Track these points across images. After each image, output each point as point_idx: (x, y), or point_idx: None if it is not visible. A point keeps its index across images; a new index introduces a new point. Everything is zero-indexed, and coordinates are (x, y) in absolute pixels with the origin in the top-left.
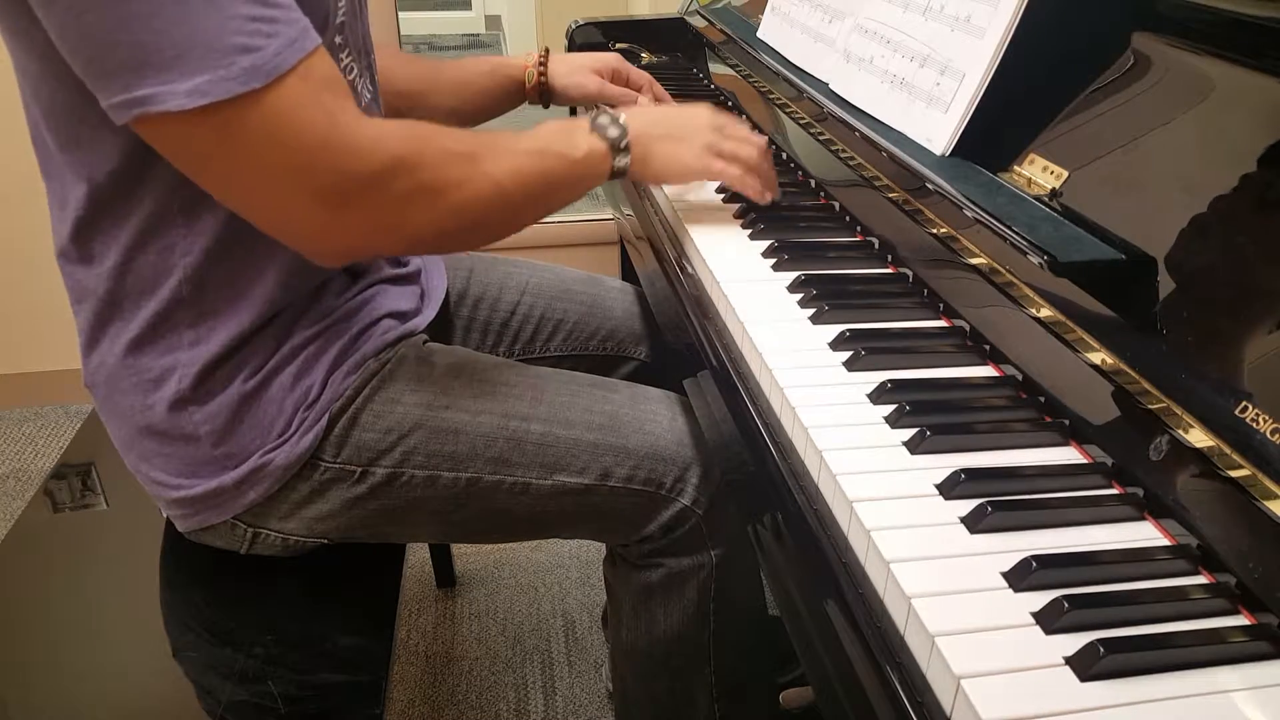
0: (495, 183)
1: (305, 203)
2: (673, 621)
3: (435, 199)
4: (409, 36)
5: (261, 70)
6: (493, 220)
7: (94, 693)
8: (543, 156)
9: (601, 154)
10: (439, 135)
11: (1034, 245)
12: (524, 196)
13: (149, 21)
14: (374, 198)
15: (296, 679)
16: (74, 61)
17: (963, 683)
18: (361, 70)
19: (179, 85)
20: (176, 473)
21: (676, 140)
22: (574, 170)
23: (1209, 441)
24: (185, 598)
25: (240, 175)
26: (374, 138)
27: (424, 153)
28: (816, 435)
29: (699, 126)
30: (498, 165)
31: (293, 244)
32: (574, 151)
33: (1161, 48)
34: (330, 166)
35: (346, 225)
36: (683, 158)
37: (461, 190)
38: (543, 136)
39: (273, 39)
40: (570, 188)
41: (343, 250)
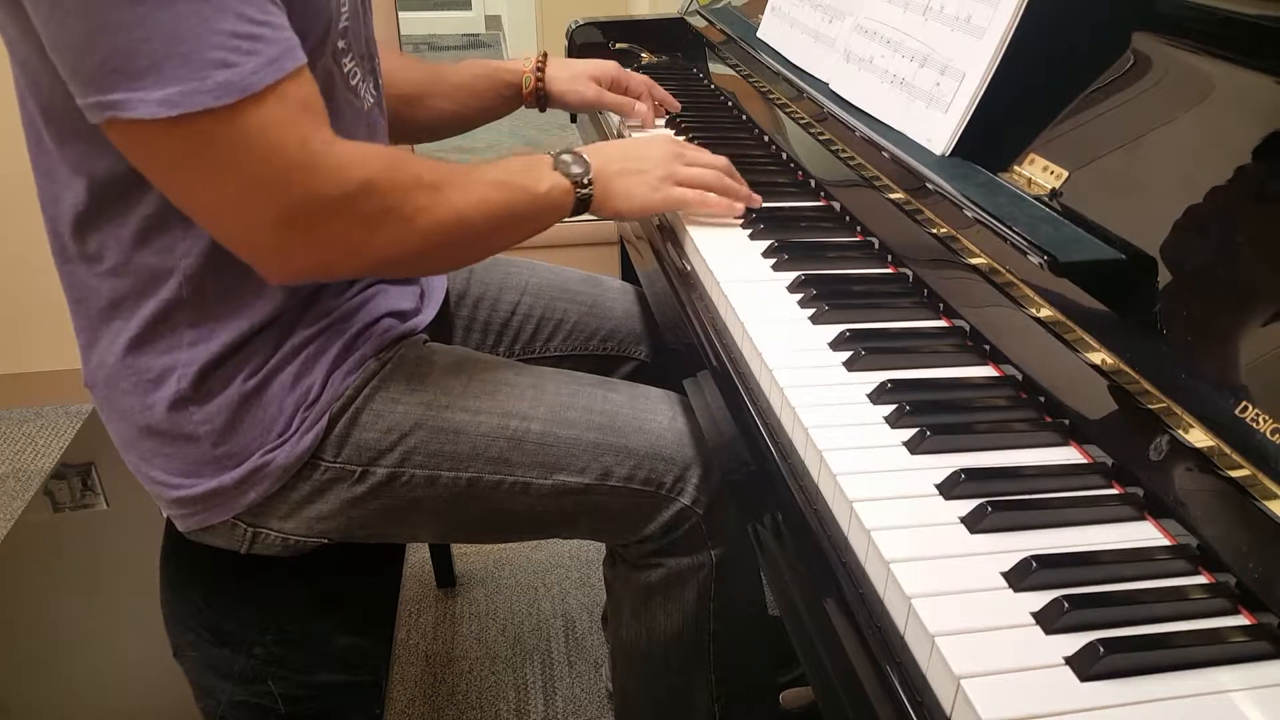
0: (458, 212)
1: (268, 221)
2: (673, 621)
3: (399, 224)
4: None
5: (236, 86)
6: (455, 247)
7: (94, 693)
8: (506, 189)
9: (564, 190)
10: (408, 163)
11: (1034, 245)
12: (486, 226)
13: (131, 29)
14: (339, 221)
15: (296, 679)
16: (53, 56)
17: (963, 683)
18: (365, 73)
19: (151, 94)
20: (177, 472)
21: (634, 175)
22: (536, 204)
23: (1209, 441)
24: (185, 598)
25: (205, 188)
26: (343, 161)
27: (391, 179)
28: (816, 435)
29: (656, 158)
30: (462, 195)
31: (250, 260)
32: (537, 186)
33: (1161, 48)
34: (298, 187)
35: (308, 246)
36: (640, 192)
37: (425, 216)
38: (508, 169)
39: (253, 56)
40: (532, 220)
41: (300, 270)
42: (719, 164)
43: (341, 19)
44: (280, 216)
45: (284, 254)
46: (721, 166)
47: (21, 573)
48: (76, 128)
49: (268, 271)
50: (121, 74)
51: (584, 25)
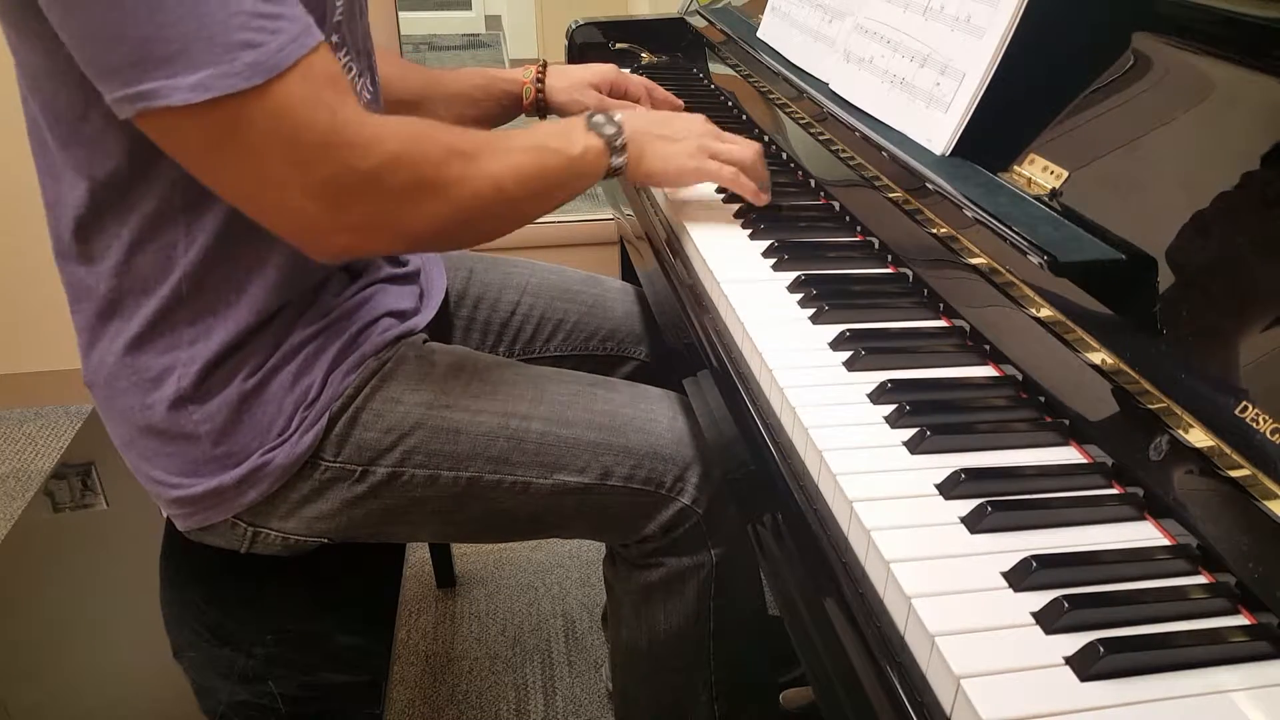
0: (494, 179)
1: (305, 198)
2: (673, 621)
3: (434, 195)
4: (409, 36)
5: (264, 66)
6: (491, 217)
7: (94, 693)
8: (540, 153)
9: (598, 150)
10: (439, 132)
11: (1034, 245)
12: (522, 193)
13: (153, 16)
14: (373, 194)
15: (296, 679)
16: (78, 56)
17: (962, 683)
18: (361, 70)
19: (182, 80)
20: (176, 472)
21: (671, 140)
22: (571, 167)
23: (1209, 441)
24: (185, 597)
25: (241, 170)
26: (374, 134)
27: (424, 149)
28: (816, 435)
29: (693, 129)
30: (496, 162)
31: (293, 239)
32: (571, 148)
33: (1161, 48)
34: (331, 162)
35: (346, 221)
36: (677, 157)
37: (460, 187)
38: (541, 134)
39: (276, 35)
40: (567, 185)
41: (342, 247)
42: (753, 147)
43: (335, 13)
44: (315, 193)
45: (324, 231)
46: (755, 149)
47: (21, 573)
48: (78, 129)
49: (312, 250)
50: (150, 63)
51: (584, 25)
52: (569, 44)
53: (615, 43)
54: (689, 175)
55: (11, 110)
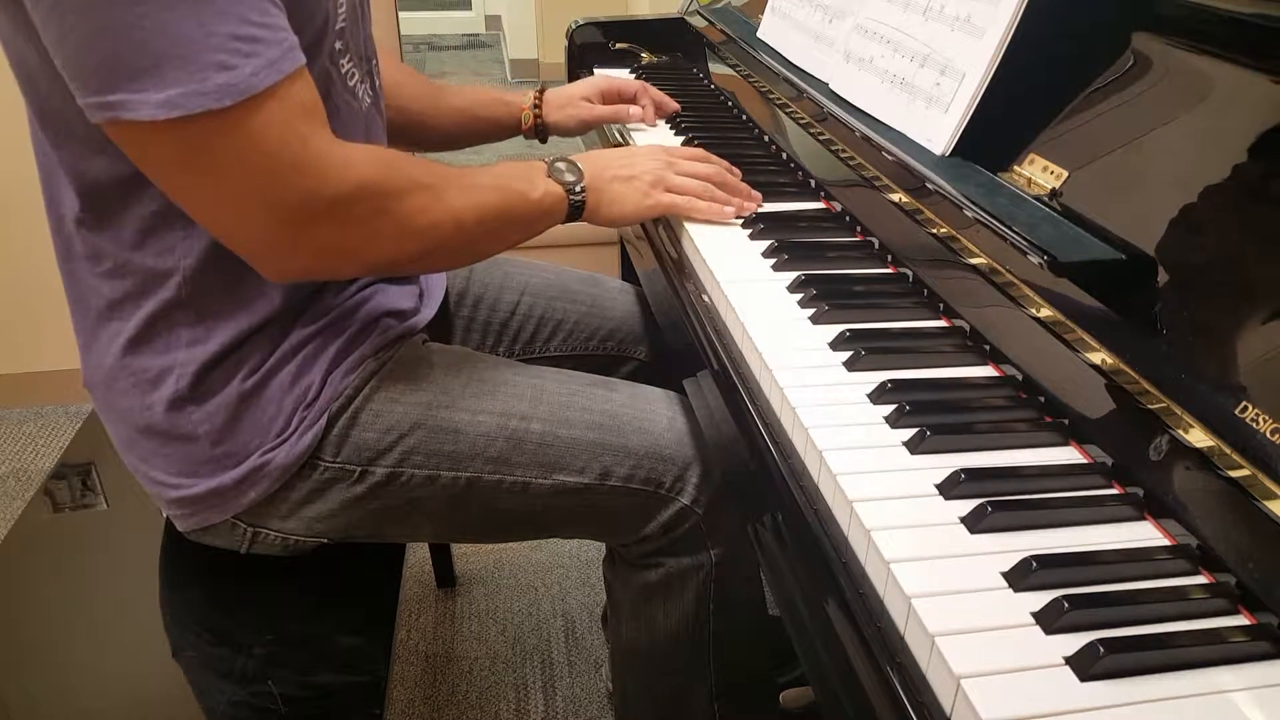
0: (455, 214)
1: (267, 221)
2: (672, 621)
3: (395, 226)
4: (409, 36)
5: (235, 89)
6: (449, 249)
7: (94, 693)
8: (503, 193)
9: (557, 197)
10: (405, 164)
11: (1034, 245)
12: (481, 230)
13: (131, 30)
14: (336, 221)
15: (296, 679)
16: (55, 57)
17: (963, 683)
18: (363, 75)
19: (152, 95)
20: (176, 472)
21: (624, 181)
22: (531, 210)
23: (1209, 441)
24: (185, 598)
25: (204, 189)
26: (342, 163)
27: (388, 180)
28: (816, 435)
29: (648, 166)
30: (459, 198)
31: (250, 259)
32: (532, 192)
33: (1161, 48)
34: (297, 189)
35: (306, 245)
36: (631, 198)
37: (422, 218)
38: (505, 174)
39: (251, 59)
40: (527, 225)
41: (299, 268)
42: (709, 172)
43: (338, 20)
44: (279, 217)
45: (282, 253)
46: (712, 175)
47: (21, 573)
48: (73, 129)
49: (266, 270)
50: (122, 75)
51: (584, 25)
52: (569, 44)
53: (615, 43)
54: (644, 213)
55: (14, 110)
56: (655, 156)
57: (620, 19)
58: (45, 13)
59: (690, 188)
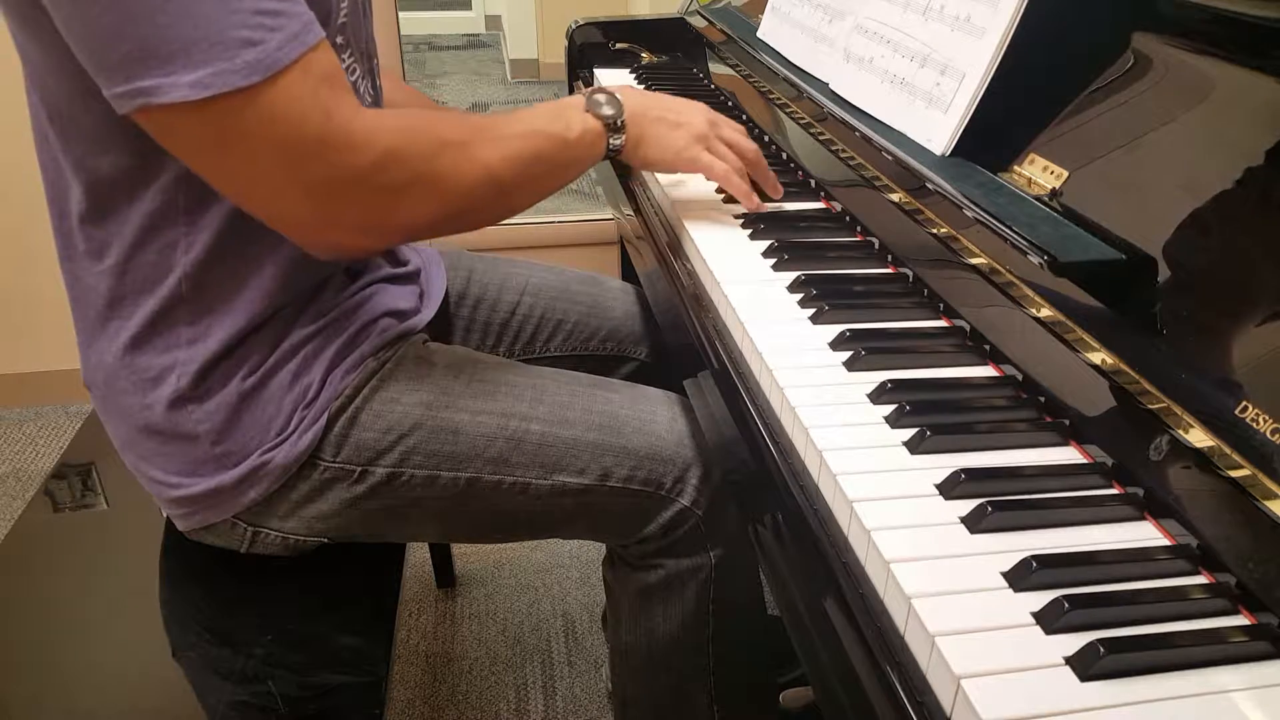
0: (488, 168)
1: (300, 195)
2: (672, 622)
3: (428, 189)
4: (409, 36)
5: (263, 64)
6: (487, 205)
7: (94, 693)
8: (535, 138)
9: (596, 133)
10: (432, 124)
11: (1034, 245)
12: (517, 180)
13: (154, 15)
14: (367, 191)
15: (296, 679)
16: (78, 51)
17: (963, 683)
18: (364, 72)
19: (182, 77)
20: (176, 472)
21: (671, 125)
22: (568, 151)
23: (1209, 441)
24: (185, 597)
25: (238, 166)
26: (368, 132)
27: (416, 144)
28: (816, 435)
29: (695, 117)
30: (491, 150)
31: (290, 234)
32: (568, 132)
33: (1161, 48)
34: (325, 160)
35: (341, 218)
36: (675, 143)
37: (454, 179)
38: (537, 117)
39: (276, 32)
40: (565, 169)
41: (337, 242)
42: (748, 149)
43: (340, 14)
44: (310, 192)
45: (319, 229)
46: (749, 152)
47: (21, 573)
48: (81, 127)
49: (309, 247)
50: (151, 60)
51: (584, 25)
52: (569, 44)
53: (615, 43)
54: (685, 164)
55: (15, 109)
56: (703, 113)
57: (620, 19)
58: (68, 7)
59: (730, 157)
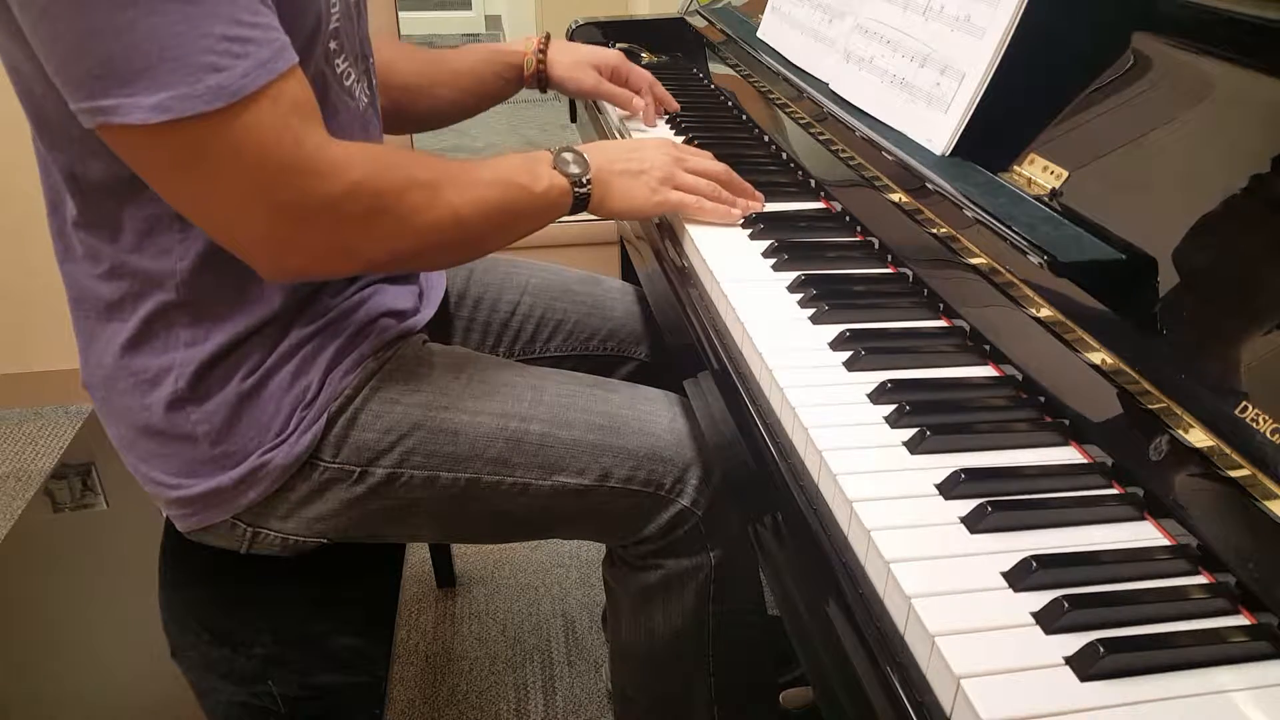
0: (454, 211)
1: (262, 222)
2: (672, 622)
3: (393, 224)
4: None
5: (227, 90)
6: (449, 246)
7: (94, 693)
8: (504, 188)
9: (562, 189)
10: (402, 161)
11: (1034, 245)
12: (483, 225)
13: (121, 34)
14: (332, 220)
15: (296, 679)
16: (45, 63)
17: (963, 683)
18: (359, 74)
19: (144, 99)
20: (175, 472)
21: (633, 175)
22: (534, 203)
23: (1209, 441)
24: (185, 597)
25: (199, 190)
26: (337, 162)
27: (386, 178)
28: (816, 435)
29: (657, 161)
30: (459, 194)
31: (246, 260)
32: (535, 185)
33: (1161, 48)
34: (292, 188)
35: (303, 245)
36: (639, 194)
37: (420, 217)
38: (506, 167)
39: (242, 60)
40: (530, 219)
41: (297, 269)
42: (717, 172)
43: (332, 19)
44: (274, 218)
45: (279, 254)
46: (720, 174)
47: (21, 573)
48: (68, 133)
49: (264, 271)
50: (113, 79)
51: (584, 25)
52: None
53: (615, 42)
54: (651, 210)
55: (15, 109)
56: (665, 151)
57: (620, 19)
58: (34, 19)
59: (699, 187)
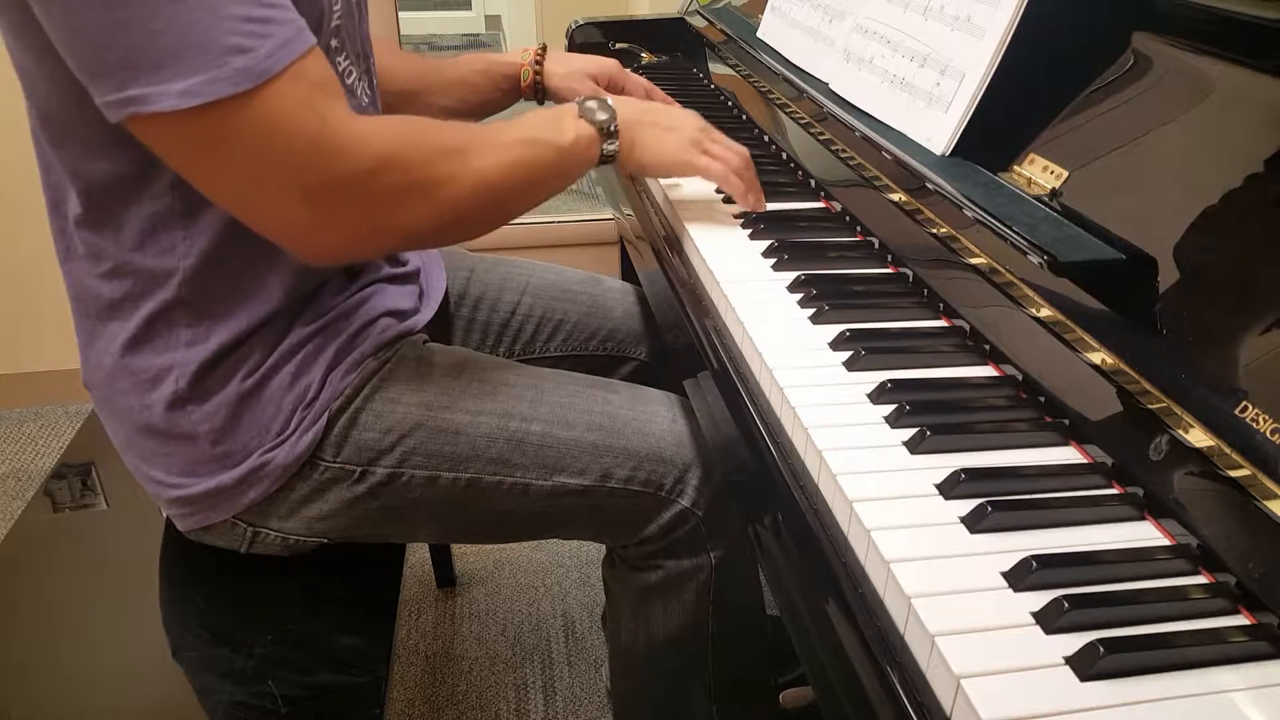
0: (483, 176)
1: (295, 203)
2: (672, 623)
3: (425, 195)
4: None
5: (253, 71)
6: (483, 212)
7: (94, 693)
8: (531, 146)
9: (589, 138)
10: (428, 131)
11: (1034, 245)
12: (513, 187)
13: (144, 23)
14: (363, 197)
15: (296, 679)
16: (69, 59)
17: (962, 683)
18: (360, 73)
19: (171, 86)
20: (176, 472)
21: (664, 129)
22: (562, 157)
23: (1209, 441)
24: (185, 597)
25: (231, 174)
26: (363, 137)
27: (413, 150)
28: (816, 435)
29: (688, 124)
30: (485, 158)
31: (284, 242)
32: (561, 138)
33: (1161, 48)
34: (320, 167)
35: (337, 224)
36: (669, 147)
37: (450, 186)
38: (531, 125)
39: (266, 40)
40: (560, 175)
41: (333, 249)
42: (741, 152)
43: (334, 17)
44: (305, 196)
45: (314, 236)
46: (744, 154)
47: (21, 573)
48: (72, 132)
49: (303, 254)
50: (140, 68)
51: (584, 25)
52: (569, 44)
53: (615, 42)
54: (680, 167)
55: (15, 109)
56: (695, 119)
57: (620, 19)
58: (57, 17)
59: (728, 158)
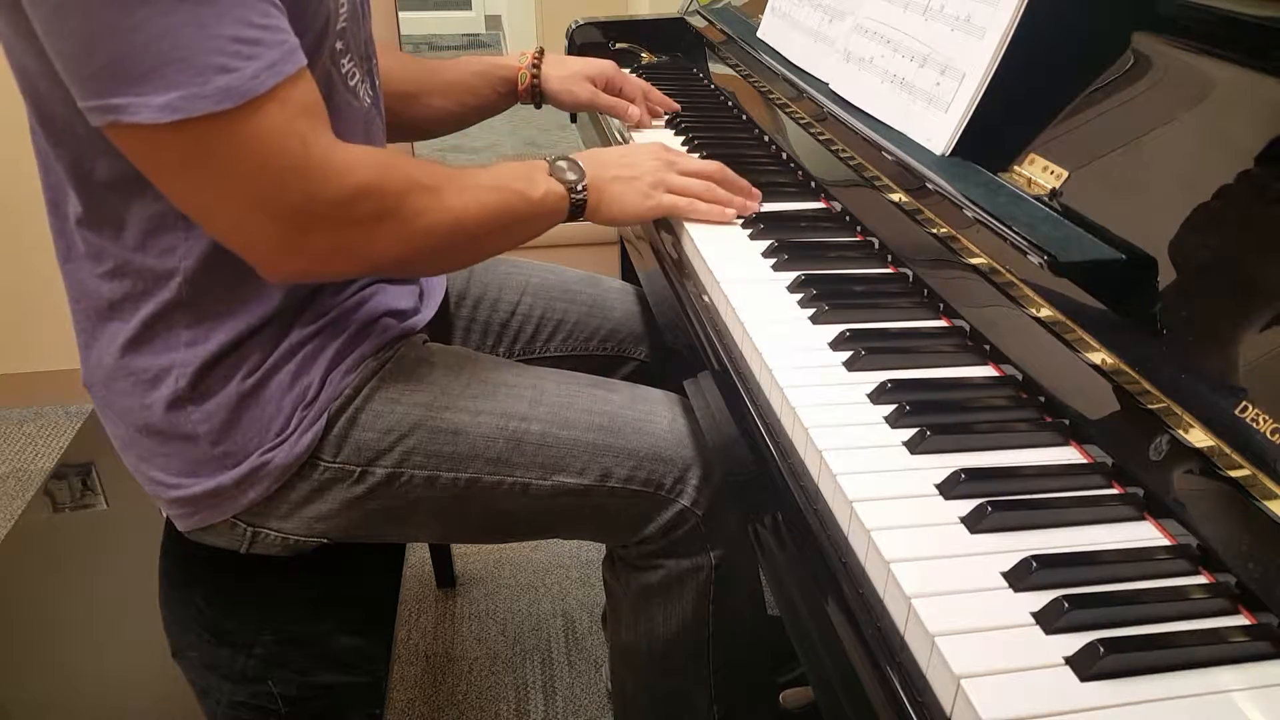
0: (455, 215)
1: (267, 223)
2: (672, 623)
3: (396, 227)
4: (409, 36)
5: (236, 91)
6: (450, 250)
7: (94, 693)
8: (503, 193)
9: (559, 195)
10: (405, 165)
11: (1034, 245)
12: (482, 230)
13: (131, 34)
14: (337, 221)
15: (296, 679)
16: (55, 60)
17: (963, 683)
18: (363, 75)
19: (152, 99)
20: (176, 472)
21: (625, 182)
22: (531, 209)
23: (1209, 441)
24: (185, 597)
25: (205, 191)
26: (345, 164)
27: (391, 181)
28: (816, 435)
29: (648, 165)
30: (459, 199)
31: (251, 261)
32: (533, 191)
33: (1161, 48)
34: (298, 190)
35: (307, 246)
36: (631, 199)
37: (422, 219)
38: (505, 174)
39: (252, 61)
40: (528, 225)
41: (299, 271)
42: (710, 171)
43: (340, 20)
44: (279, 219)
45: (283, 255)
46: (714, 173)
47: (21, 573)
48: (73, 131)
49: (266, 272)
50: (123, 79)
51: (584, 25)
52: (569, 44)
53: (615, 42)
54: (644, 214)
55: (15, 109)
56: (656, 156)
57: (620, 19)
58: (46, 17)
59: (692, 188)
